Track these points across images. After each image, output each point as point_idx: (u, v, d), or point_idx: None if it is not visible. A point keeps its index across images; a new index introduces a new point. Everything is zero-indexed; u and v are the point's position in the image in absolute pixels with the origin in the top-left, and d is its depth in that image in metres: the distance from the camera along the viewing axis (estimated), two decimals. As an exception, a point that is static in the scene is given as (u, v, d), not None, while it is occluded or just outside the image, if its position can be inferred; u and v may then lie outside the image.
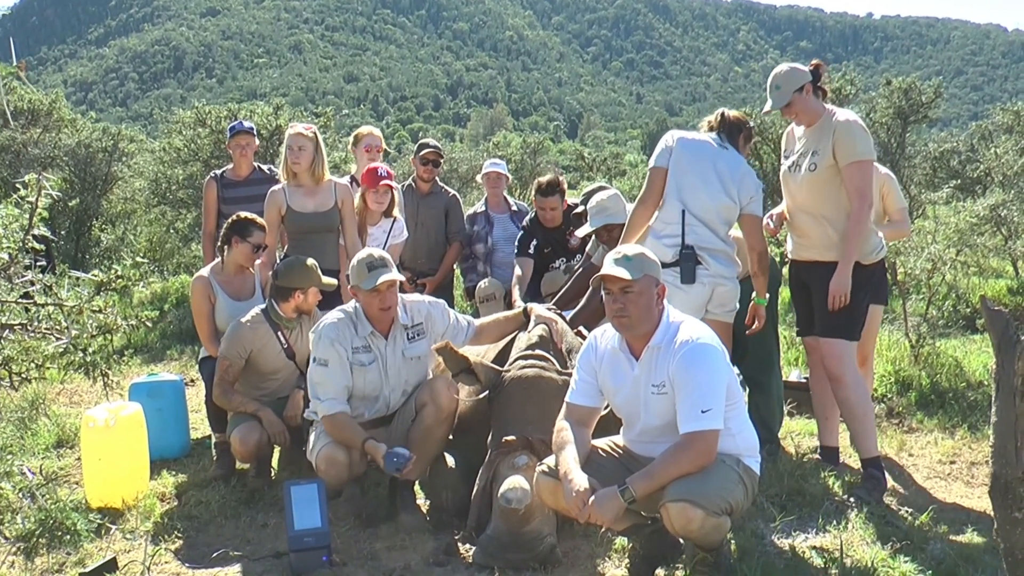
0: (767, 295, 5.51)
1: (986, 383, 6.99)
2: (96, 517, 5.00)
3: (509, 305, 7.17)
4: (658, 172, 5.30)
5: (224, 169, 7.53)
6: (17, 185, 4.79)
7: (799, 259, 5.51)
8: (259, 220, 6.10)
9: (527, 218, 7.74)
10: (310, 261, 5.70)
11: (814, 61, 5.48)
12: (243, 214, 6.14)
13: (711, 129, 5.48)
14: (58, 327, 4.73)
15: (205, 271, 6.17)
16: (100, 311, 4.79)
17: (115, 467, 5.31)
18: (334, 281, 5.86)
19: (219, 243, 6.16)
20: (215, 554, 4.66)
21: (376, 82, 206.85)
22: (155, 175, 14.34)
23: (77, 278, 4.98)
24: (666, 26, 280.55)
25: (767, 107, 5.42)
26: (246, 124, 7.57)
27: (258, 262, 6.22)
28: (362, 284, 4.96)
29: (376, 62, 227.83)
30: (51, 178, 4.86)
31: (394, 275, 4.97)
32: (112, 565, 4.44)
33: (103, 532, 4.92)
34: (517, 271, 7.44)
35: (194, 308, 6.18)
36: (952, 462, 5.97)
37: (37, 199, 4.67)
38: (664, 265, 5.01)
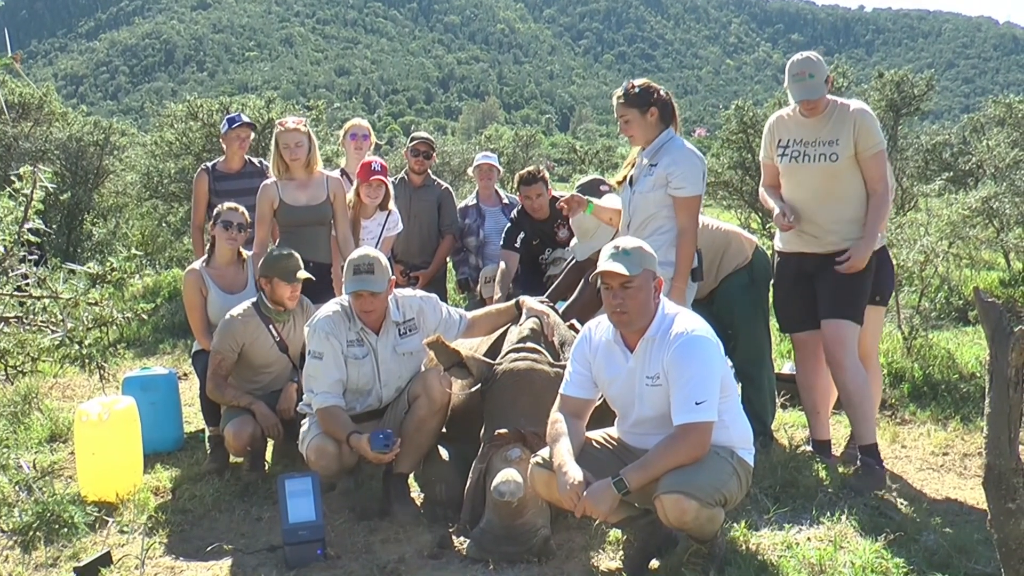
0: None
1: (978, 375, 7.01)
2: (93, 510, 5.00)
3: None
4: (701, 199, 5.22)
5: (216, 161, 7.50)
6: (12, 178, 4.77)
7: (807, 252, 5.37)
8: (231, 204, 6.17)
9: (515, 211, 7.73)
10: (287, 252, 5.66)
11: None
12: (225, 205, 6.17)
13: (663, 118, 5.25)
14: (54, 320, 4.72)
15: (197, 264, 6.18)
16: (96, 304, 4.78)
17: (109, 461, 5.30)
18: (304, 275, 5.73)
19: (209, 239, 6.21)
20: (209, 548, 4.65)
21: (367, 75, 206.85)
22: (147, 169, 14.26)
23: (71, 271, 4.97)
24: (658, 19, 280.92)
25: (798, 97, 5.23)
26: (244, 117, 7.51)
27: (250, 254, 6.23)
28: (344, 282, 5.01)
29: (367, 55, 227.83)
30: (46, 170, 4.85)
31: (372, 288, 4.93)
32: (106, 559, 4.43)
33: (97, 526, 4.92)
34: (501, 265, 7.42)
35: (186, 301, 6.19)
36: (945, 454, 5.99)
37: (32, 191, 4.65)
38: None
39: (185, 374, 8.20)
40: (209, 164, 7.49)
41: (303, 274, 5.68)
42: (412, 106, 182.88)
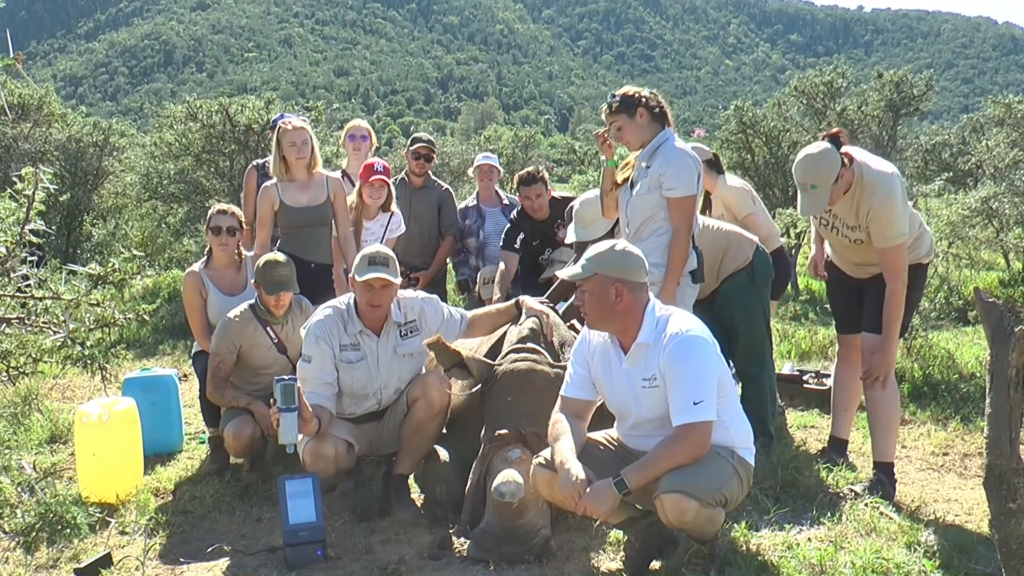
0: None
1: (978, 375, 7.01)
2: (95, 511, 5.00)
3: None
4: (695, 199, 5.16)
5: (265, 160, 7.38)
6: (13, 179, 4.77)
7: (848, 275, 5.40)
8: (221, 206, 6.18)
9: (514, 211, 7.73)
10: (279, 260, 5.62)
11: (832, 131, 5.02)
12: (215, 207, 6.17)
13: (656, 118, 5.19)
14: (56, 321, 4.72)
15: (196, 266, 6.18)
16: (98, 305, 4.78)
17: (109, 462, 5.30)
18: (279, 284, 5.68)
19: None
20: (210, 549, 4.65)
21: (367, 76, 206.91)
22: (146, 170, 14.27)
23: (72, 272, 4.97)
24: (656, 19, 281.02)
25: (800, 211, 5.05)
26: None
27: (249, 254, 6.22)
28: (357, 274, 4.97)
29: (366, 56, 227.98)
30: (47, 171, 4.85)
31: (389, 276, 4.93)
32: (107, 560, 4.42)
33: (98, 527, 4.92)
34: (501, 266, 7.42)
35: (186, 303, 6.20)
36: (945, 454, 5.99)
37: (34, 192, 4.65)
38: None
39: (185, 375, 8.20)
40: (259, 161, 7.42)
41: (286, 294, 5.64)
42: (411, 107, 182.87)
